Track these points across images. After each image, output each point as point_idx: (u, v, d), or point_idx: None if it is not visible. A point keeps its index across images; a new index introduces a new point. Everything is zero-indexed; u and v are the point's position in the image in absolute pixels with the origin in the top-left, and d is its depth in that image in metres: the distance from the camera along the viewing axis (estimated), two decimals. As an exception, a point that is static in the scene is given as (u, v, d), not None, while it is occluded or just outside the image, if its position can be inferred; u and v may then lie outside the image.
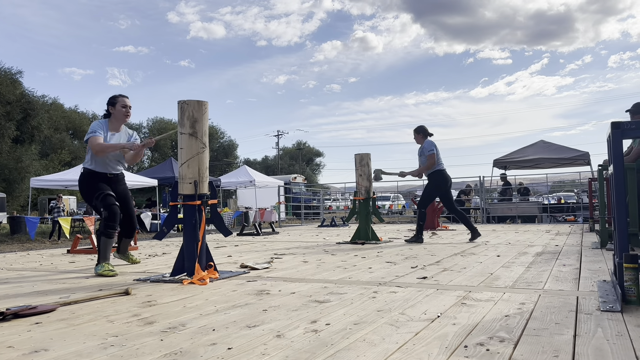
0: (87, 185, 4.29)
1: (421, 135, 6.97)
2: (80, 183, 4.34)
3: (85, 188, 4.29)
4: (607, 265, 4.04)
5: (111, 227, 4.16)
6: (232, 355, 1.79)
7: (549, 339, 1.92)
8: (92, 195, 4.24)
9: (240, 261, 4.85)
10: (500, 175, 16.34)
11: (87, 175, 4.32)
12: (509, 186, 16.18)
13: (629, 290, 2.44)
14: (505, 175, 16.21)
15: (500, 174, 16.39)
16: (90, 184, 4.28)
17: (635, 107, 5.48)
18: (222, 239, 8.50)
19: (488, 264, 4.29)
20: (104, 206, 4.16)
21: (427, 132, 6.99)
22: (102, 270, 4.03)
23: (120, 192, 4.45)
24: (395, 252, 5.47)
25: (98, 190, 4.23)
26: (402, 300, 2.74)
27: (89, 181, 4.30)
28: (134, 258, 4.83)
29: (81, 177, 4.35)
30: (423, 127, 7.01)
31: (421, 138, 6.96)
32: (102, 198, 4.18)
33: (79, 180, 4.36)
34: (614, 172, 2.52)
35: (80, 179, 4.35)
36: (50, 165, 36.12)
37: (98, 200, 4.19)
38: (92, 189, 4.25)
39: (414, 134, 7.03)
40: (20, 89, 31.30)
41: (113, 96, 4.40)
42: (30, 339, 2.09)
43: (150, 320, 2.37)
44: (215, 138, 53.11)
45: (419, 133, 6.99)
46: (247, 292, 3.12)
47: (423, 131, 6.98)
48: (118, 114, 4.36)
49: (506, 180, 16.17)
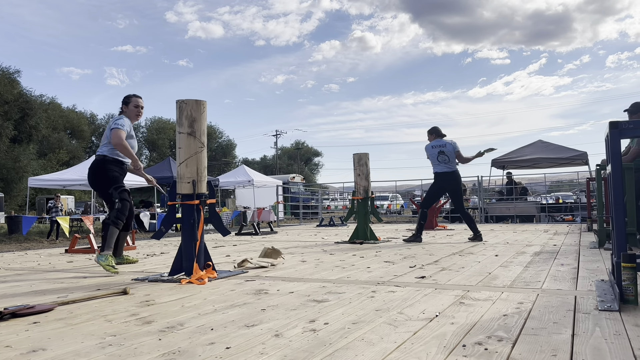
0: (109, 172, 4.38)
1: (434, 136, 7.02)
2: (96, 169, 4.40)
3: (106, 175, 4.37)
4: (605, 265, 4.05)
5: (121, 218, 4.29)
6: (231, 355, 1.79)
7: (547, 338, 1.92)
8: (110, 184, 4.35)
9: (238, 260, 4.84)
10: (505, 174, 16.37)
11: (111, 162, 4.41)
12: (514, 185, 16.22)
13: (626, 290, 2.45)
14: (511, 174, 16.23)
15: (505, 173, 16.42)
16: (112, 172, 4.38)
17: (633, 107, 5.50)
18: (220, 239, 8.49)
19: (486, 263, 4.30)
20: (120, 199, 4.30)
21: (440, 132, 7.03)
22: (105, 263, 4.04)
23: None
24: (394, 252, 5.47)
25: (118, 182, 4.38)
26: (401, 299, 2.74)
27: (111, 168, 4.39)
28: (129, 258, 4.83)
29: (103, 162, 4.40)
30: (435, 128, 7.11)
31: (433, 138, 7.01)
32: (121, 191, 4.34)
33: (99, 165, 4.40)
34: (612, 172, 2.53)
35: (102, 164, 4.40)
36: (48, 164, 36.07)
37: (117, 191, 4.32)
38: (113, 178, 4.38)
39: (428, 135, 7.13)
40: (18, 89, 31.25)
41: (127, 95, 4.56)
42: (28, 338, 2.08)
43: (148, 320, 2.37)
44: (214, 138, 53.11)
45: (432, 134, 7.07)
46: (245, 291, 3.12)
47: (436, 131, 7.06)
48: (131, 113, 4.53)
49: (512, 179, 16.20)
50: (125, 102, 4.52)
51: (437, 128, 7.07)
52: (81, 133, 44.33)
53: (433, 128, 7.07)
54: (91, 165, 4.48)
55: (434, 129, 7.06)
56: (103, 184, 4.37)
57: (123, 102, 4.54)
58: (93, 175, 4.40)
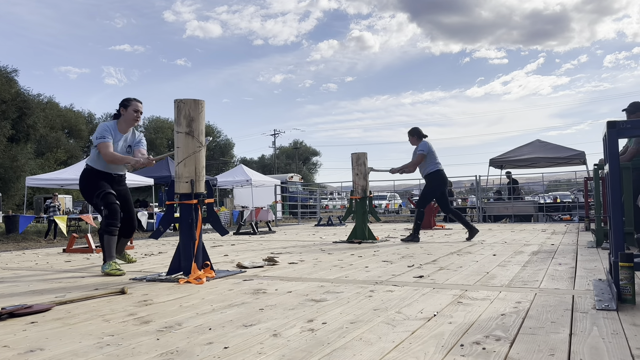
0: (89, 183, 4.32)
1: (415, 137, 7.01)
2: (82, 180, 4.36)
3: (87, 185, 4.32)
4: (602, 264, 4.06)
5: (113, 224, 4.19)
6: (229, 355, 1.79)
7: (545, 337, 1.93)
8: (92, 193, 4.27)
9: (236, 260, 4.84)
10: (505, 173, 16.42)
11: (90, 173, 4.35)
12: (515, 184, 16.27)
13: (624, 289, 2.45)
14: (510, 173, 16.29)
15: (505, 172, 16.47)
16: (92, 182, 4.31)
17: (631, 107, 5.50)
18: (218, 238, 8.49)
19: (484, 263, 4.30)
20: (104, 204, 4.20)
21: (421, 134, 7.03)
22: (110, 269, 4.01)
23: (122, 193, 4.50)
24: (392, 251, 5.47)
25: (99, 189, 4.26)
26: (399, 299, 2.74)
27: (91, 179, 4.33)
28: (130, 257, 4.82)
29: (84, 173, 4.37)
30: (416, 129, 7.06)
31: (415, 140, 7.00)
32: (103, 196, 4.22)
33: (81, 176, 4.38)
34: (610, 172, 2.53)
35: (83, 175, 4.37)
36: (45, 164, 35.99)
37: (99, 198, 4.23)
38: (94, 187, 4.29)
39: (408, 136, 7.08)
40: (15, 88, 31.19)
41: (127, 98, 4.43)
42: (25, 338, 2.08)
43: (146, 320, 2.36)
44: (212, 137, 52.99)
45: (412, 135, 7.04)
46: (243, 291, 3.11)
47: (417, 133, 7.03)
48: (128, 117, 4.39)
49: (512, 178, 16.26)
50: (125, 105, 4.39)
51: (418, 129, 7.10)
52: (79, 132, 44.24)
53: (415, 129, 7.07)
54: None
55: (415, 130, 7.06)
56: (88, 195, 4.33)
57: (121, 105, 4.41)
58: (79, 186, 4.40)
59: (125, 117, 4.40)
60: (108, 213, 4.18)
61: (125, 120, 4.41)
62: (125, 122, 4.41)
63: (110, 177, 4.41)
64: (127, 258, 4.80)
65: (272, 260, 4.58)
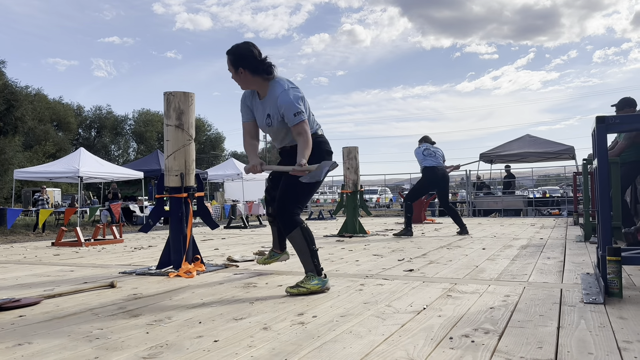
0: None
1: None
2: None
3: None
4: (590, 258, 4.10)
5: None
6: (219, 348, 1.78)
7: (533, 330, 1.94)
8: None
9: (227, 254, 4.83)
10: (505, 167, 16.57)
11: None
12: (512, 179, 16.43)
13: (611, 283, 2.48)
14: (509, 167, 16.43)
15: (504, 167, 16.61)
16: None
17: (621, 102, 5.54)
18: (209, 232, 8.46)
19: (474, 256, 4.33)
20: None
21: (425, 139, 7.20)
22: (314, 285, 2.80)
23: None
24: (382, 245, 5.49)
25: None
26: (389, 292, 2.75)
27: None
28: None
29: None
30: (424, 137, 7.23)
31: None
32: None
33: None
34: (598, 166, 2.55)
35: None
36: (34, 157, 35.64)
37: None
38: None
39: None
40: (3, 80, 30.81)
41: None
42: (14, 332, 2.06)
43: (135, 313, 2.35)
44: (202, 130, 52.76)
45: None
46: (234, 285, 3.11)
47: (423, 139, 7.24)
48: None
49: (510, 172, 16.41)
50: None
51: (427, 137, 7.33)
52: (68, 125, 43.81)
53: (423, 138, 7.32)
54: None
55: (424, 138, 7.31)
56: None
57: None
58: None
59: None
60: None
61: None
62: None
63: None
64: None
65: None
